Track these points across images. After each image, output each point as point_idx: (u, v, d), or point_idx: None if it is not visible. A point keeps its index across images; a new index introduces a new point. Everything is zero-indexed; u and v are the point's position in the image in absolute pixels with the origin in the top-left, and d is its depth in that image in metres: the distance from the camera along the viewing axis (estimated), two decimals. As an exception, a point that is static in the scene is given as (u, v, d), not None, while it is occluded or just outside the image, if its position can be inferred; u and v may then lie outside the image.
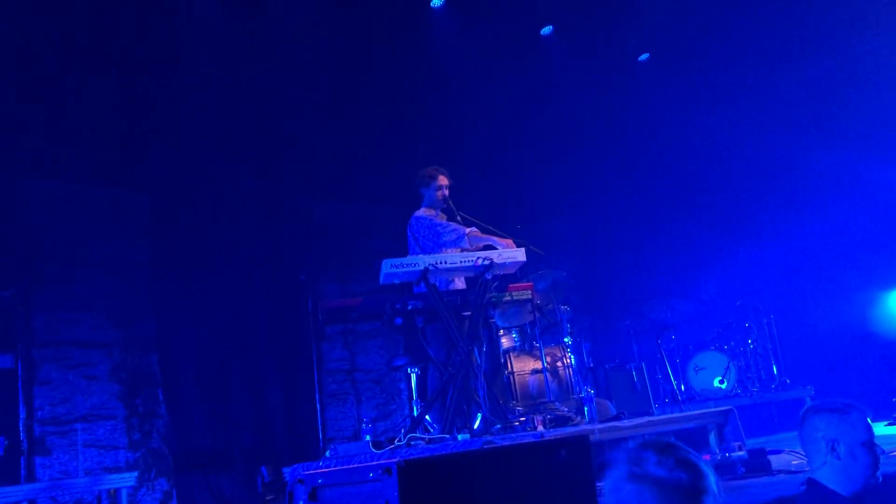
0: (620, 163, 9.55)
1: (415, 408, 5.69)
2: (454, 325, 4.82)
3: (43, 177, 6.88)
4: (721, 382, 8.03)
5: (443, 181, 5.62)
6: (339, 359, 8.24)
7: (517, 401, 5.99)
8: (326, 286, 8.18)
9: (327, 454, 4.87)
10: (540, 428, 4.74)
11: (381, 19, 7.46)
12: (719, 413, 5.13)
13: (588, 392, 5.47)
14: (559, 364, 6.20)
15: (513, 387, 6.09)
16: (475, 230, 5.36)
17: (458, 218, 5.50)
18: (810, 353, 8.44)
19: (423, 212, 5.63)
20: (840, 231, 8.53)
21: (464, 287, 5.49)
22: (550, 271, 6.52)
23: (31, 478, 6.24)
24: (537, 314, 6.03)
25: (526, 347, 6.35)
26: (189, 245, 7.52)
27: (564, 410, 5.55)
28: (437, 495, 2.62)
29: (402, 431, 4.64)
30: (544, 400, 5.91)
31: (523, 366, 6.20)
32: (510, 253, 5.03)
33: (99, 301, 6.95)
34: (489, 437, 4.10)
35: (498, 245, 5.16)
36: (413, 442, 4.25)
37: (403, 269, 4.85)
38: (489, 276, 4.92)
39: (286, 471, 5.82)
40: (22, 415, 6.42)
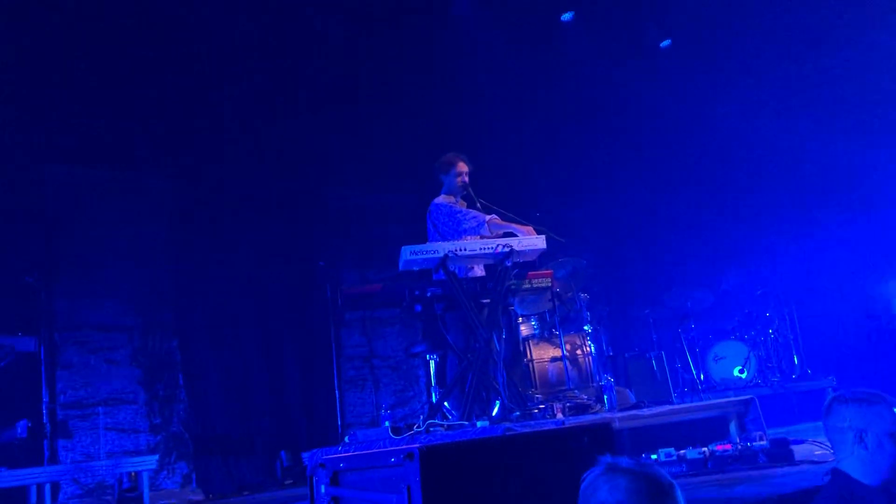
0: (642, 151, 9.45)
1: (433, 394, 5.70)
2: (473, 313, 4.81)
3: (66, 161, 6.93)
4: (741, 372, 7.96)
5: (462, 168, 5.56)
6: (358, 345, 8.27)
7: (536, 388, 5.97)
8: (345, 273, 8.20)
9: (346, 440, 4.90)
10: (560, 416, 4.72)
11: (398, 6, 7.43)
12: (740, 402, 5.08)
13: (608, 380, 5.45)
14: (578, 352, 6.17)
15: (532, 374, 6.07)
16: (495, 217, 5.32)
17: (478, 205, 5.44)
18: (832, 344, 8.34)
19: (443, 199, 5.59)
20: (863, 221, 8.42)
21: (483, 274, 5.45)
22: (570, 259, 6.48)
23: (54, 460, 6.34)
24: (557, 302, 5.99)
25: (545, 335, 6.32)
26: (210, 232, 7.58)
27: (584, 398, 5.53)
28: (458, 481, 2.62)
29: (421, 418, 4.63)
30: (564, 388, 5.89)
31: (542, 353, 6.17)
32: (530, 240, 5.00)
33: (120, 286, 7.03)
34: (510, 425, 4.09)
35: (518, 232, 5.11)
36: (432, 428, 4.25)
37: (423, 256, 4.84)
38: (509, 264, 4.90)
39: (305, 456, 5.85)
40: (45, 398, 6.50)
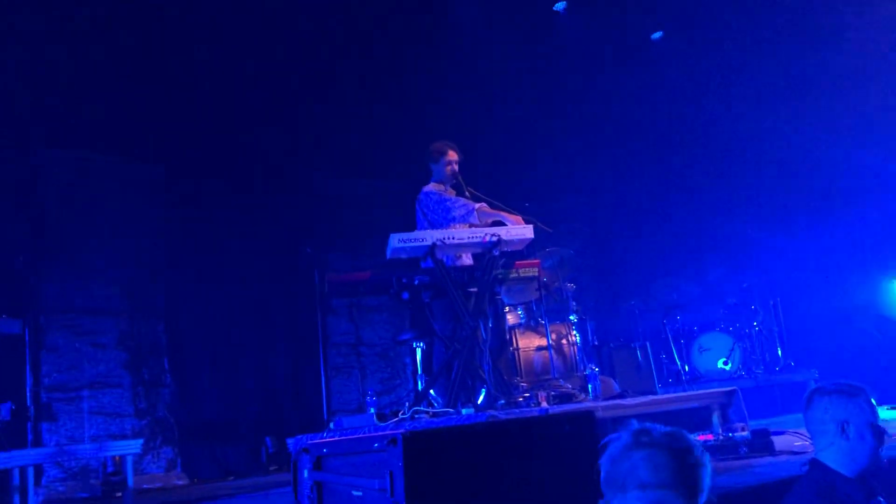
0: (631, 143, 9.47)
1: (419, 382, 5.71)
2: (460, 301, 4.82)
3: (56, 146, 6.89)
4: (725, 364, 8.02)
5: (452, 156, 5.55)
6: (345, 332, 8.28)
7: (521, 377, 6.00)
8: (334, 260, 8.19)
9: (331, 426, 4.91)
10: (544, 404, 4.74)
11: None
12: (723, 393, 5.11)
13: (592, 370, 5.46)
14: (564, 342, 6.20)
15: (517, 363, 6.10)
16: (484, 206, 5.32)
17: (467, 193, 5.44)
18: (815, 337, 8.41)
19: (432, 187, 5.59)
20: (847, 217, 8.47)
21: (471, 263, 5.45)
22: (558, 249, 6.50)
23: (38, 443, 6.32)
24: (543, 292, 6.02)
25: (531, 324, 6.34)
26: (198, 217, 7.56)
27: (568, 387, 5.56)
28: (441, 467, 2.63)
29: (407, 405, 4.65)
30: (548, 377, 5.93)
31: (528, 342, 6.20)
32: (518, 230, 5.01)
33: (108, 270, 7.00)
34: (493, 412, 4.11)
35: (507, 221, 5.12)
36: (417, 415, 4.27)
37: (411, 244, 4.84)
38: (496, 253, 4.91)
39: (290, 441, 5.86)
40: (29, 381, 6.49)
